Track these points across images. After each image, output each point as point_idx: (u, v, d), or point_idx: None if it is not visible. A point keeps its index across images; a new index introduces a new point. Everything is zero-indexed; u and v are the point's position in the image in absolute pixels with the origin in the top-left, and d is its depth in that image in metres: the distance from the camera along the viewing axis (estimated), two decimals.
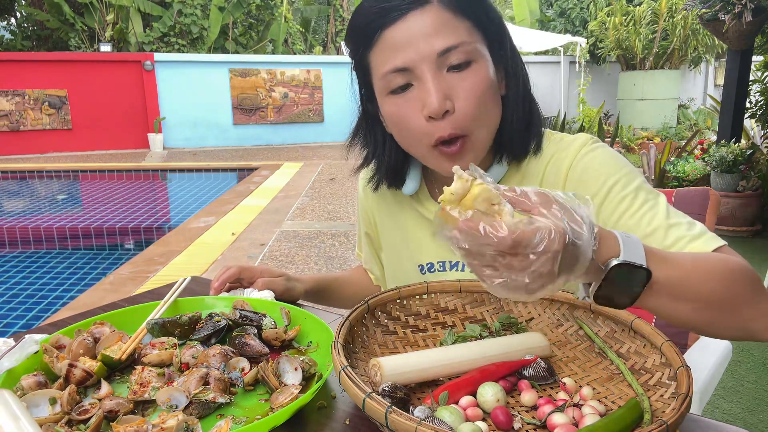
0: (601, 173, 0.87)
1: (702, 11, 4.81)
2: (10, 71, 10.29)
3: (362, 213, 1.20)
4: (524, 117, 0.91)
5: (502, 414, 0.65)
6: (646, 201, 0.83)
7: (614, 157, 0.90)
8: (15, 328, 3.29)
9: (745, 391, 2.52)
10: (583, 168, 0.89)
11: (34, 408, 0.71)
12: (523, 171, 0.94)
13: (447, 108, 0.81)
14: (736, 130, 5.18)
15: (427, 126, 0.83)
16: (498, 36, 0.88)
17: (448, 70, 0.81)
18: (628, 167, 0.88)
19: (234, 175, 8.64)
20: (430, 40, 0.80)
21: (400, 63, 0.81)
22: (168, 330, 0.93)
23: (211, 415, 0.74)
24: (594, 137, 0.93)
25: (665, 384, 0.70)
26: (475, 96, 0.82)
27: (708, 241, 0.78)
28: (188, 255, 4.13)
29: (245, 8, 13.26)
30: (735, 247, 0.78)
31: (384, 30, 0.81)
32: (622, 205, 0.84)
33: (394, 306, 0.88)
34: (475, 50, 0.82)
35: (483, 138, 0.87)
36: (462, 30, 0.81)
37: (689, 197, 1.35)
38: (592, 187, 0.87)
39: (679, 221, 0.81)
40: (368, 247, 1.22)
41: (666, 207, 0.83)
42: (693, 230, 0.79)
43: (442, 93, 0.80)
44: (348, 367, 0.64)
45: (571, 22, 14.58)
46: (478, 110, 0.83)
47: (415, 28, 0.80)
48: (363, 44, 0.86)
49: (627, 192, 0.84)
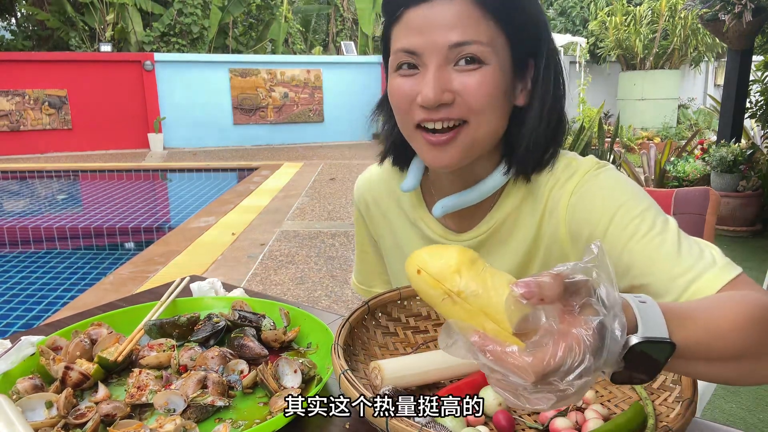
0: (604, 199, 0.82)
1: (702, 11, 4.81)
2: (10, 71, 10.29)
3: (357, 217, 1.18)
4: (543, 135, 0.87)
5: (504, 418, 0.65)
6: (654, 225, 0.77)
7: (619, 181, 0.85)
8: (15, 328, 3.28)
9: (745, 391, 2.51)
10: (584, 195, 0.85)
11: (30, 412, 0.71)
12: (529, 187, 0.90)
13: (444, 100, 0.79)
14: (736, 130, 5.18)
15: (416, 110, 0.82)
16: (530, 49, 0.84)
17: (455, 64, 0.80)
18: (633, 190, 0.83)
19: (234, 175, 8.63)
20: (447, 31, 0.78)
21: (411, 45, 0.81)
22: (166, 331, 0.92)
23: (209, 419, 0.73)
24: (601, 162, 0.89)
25: (669, 387, 0.69)
26: (477, 92, 0.80)
27: (723, 271, 0.71)
28: (188, 255, 4.12)
29: (245, 8, 13.26)
30: (735, 248, 0.74)
31: (408, 9, 0.81)
32: (627, 230, 0.78)
33: (394, 307, 0.87)
34: (489, 53, 0.79)
35: (478, 134, 0.83)
36: (483, 29, 0.79)
37: (689, 197, 1.35)
38: (593, 214, 0.83)
39: (690, 247, 0.75)
40: (373, 255, 1.19)
41: (677, 232, 0.77)
42: (705, 258, 0.73)
43: (439, 86, 0.79)
44: (348, 371, 0.64)
45: (572, 21, 14.58)
46: (479, 105, 0.81)
47: (436, 15, 0.79)
48: (388, 17, 0.86)
49: (632, 216, 0.79)
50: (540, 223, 0.88)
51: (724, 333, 0.59)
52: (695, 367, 0.58)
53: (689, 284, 0.71)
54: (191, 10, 12.52)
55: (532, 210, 0.89)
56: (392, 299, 0.87)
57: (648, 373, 0.53)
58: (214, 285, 1.12)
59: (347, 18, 17.25)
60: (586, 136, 4.82)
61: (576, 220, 0.84)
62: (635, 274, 0.75)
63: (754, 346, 0.60)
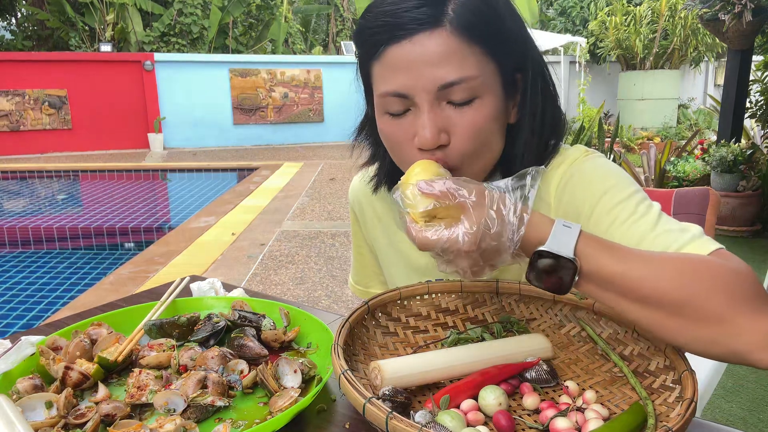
0: (592, 183, 0.83)
1: (702, 11, 4.80)
2: (10, 71, 10.29)
3: (353, 218, 1.18)
4: (537, 147, 0.86)
5: (504, 418, 0.65)
6: (635, 211, 0.78)
7: (606, 167, 0.85)
8: (15, 328, 3.28)
9: (745, 391, 2.51)
10: (573, 179, 0.85)
11: (30, 412, 0.70)
12: None
13: (441, 142, 0.77)
14: (736, 130, 5.17)
15: (415, 153, 0.80)
16: (518, 65, 0.83)
17: (448, 102, 0.77)
18: (619, 177, 0.84)
19: (234, 175, 8.63)
20: (434, 70, 0.75)
21: (398, 88, 0.77)
22: (166, 331, 0.92)
23: (209, 419, 0.73)
24: (589, 149, 0.90)
25: (669, 387, 0.69)
26: (473, 133, 0.78)
27: (700, 247, 0.72)
28: (188, 255, 4.12)
29: (245, 8, 13.25)
30: (735, 248, 0.75)
31: (389, 46, 0.76)
32: (611, 214, 0.80)
33: (394, 307, 0.87)
34: (481, 85, 0.77)
35: (476, 171, 0.83)
36: (471, 61, 0.76)
37: (689, 197, 1.35)
38: (582, 198, 0.83)
39: (669, 228, 0.75)
40: (369, 256, 1.19)
41: (658, 215, 0.78)
42: (684, 236, 0.73)
43: (436, 127, 0.77)
44: (348, 371, 0.64)
45: (572, 21, 14.57)
46: (474, 147, 0.79)
47: (419, 53, 0.75)
48: (367, 52, 0.81)
49: (615, 202, 0.80)
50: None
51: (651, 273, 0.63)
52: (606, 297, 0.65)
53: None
54: (191, 10, 12.52)
55: None
56: (392, 299, 0.87)
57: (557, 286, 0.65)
58: (214, 285, 1.12)
59: (347, 18, 17.25)
60: (586, 136, 4.82)
61: (563, 205, 0.86)
62: None
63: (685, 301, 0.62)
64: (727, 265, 0.64)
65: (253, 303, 1.03)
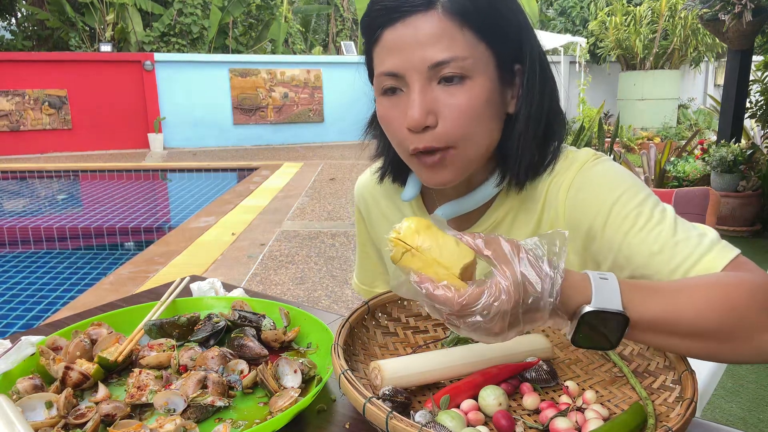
0: (602, 191, 0.82)
1: (702, 11, 4.80)
2: (10, 71, 10.28)
3: (358, 217, 1.18)
4: (539, 139, 0.86)
5: (504, 418, 0.65)
6: (652, 216, 0.78)
7: (616, 172, 0.84)
8: (15, 328, 3.28)
9: (745, 391, 2.51)
10: (582, 187, 0.84)
11: (30, 412, 0.70)
12: (523, 195, 0.90)
13: (428, 123, 0.78)
14: (736, 130, 5.17)
15: (407, 135, 0.81)
16: (514, 53, 0.83)
17: (439, 82, 0.78)
18: (630, 181, 0.83)
19: (234, 175, 8.63)
20: (424, 50, 0.76)
21: (391, 67, 0.79)
22: (166, 331, 0.92)
23: (209, 419, 0.73)
24: (598, 153, 0.89)
25: (669, 387, 0.69)
26: (461, 114, 0.78)
27: (720, 254, 0.72)
28: (188, 255, 4.12)
29: (245, 8, 13.25)
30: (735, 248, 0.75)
31: (385, 29, 0.79)
32: (626, 223, 0.79)
33: (394, 307, 0.87)
34: (472, 66, 0.77)
35: (468, 155, 0.82)
36: (462, 43, 0.77)
37: (689, 197, 1.35)
38: (592, 206, 0.82)
39: (687, 235, 0.75)
40: (374, 255, 1.19)
41: (674, 220, 0.77)
42: (703, 244, 0.74)
43: (424, 108, 0.77)
44: (348, 371, 0.64)
45: (572, 21, 14.57)
46: (461, 129, 0.79)
47: (412, 34, 0.77)
48: (368, 39, 0.84)
49: (630, 208, 0.79)
50: (540, 218, 0.88)
51: (691, 309, 0.63)
52: (657, 340, 0.64)
53: (688, 271, 0.72)
54: (191, 10, 12.51)
55: (531, 207, 0.89)
56: (392, 299, 0.87)
57: (607, 340, 0.62)
58: (214, 285, 1.12)
59: (347, 18, 17.25)
60: (586, 136, 4.82)
61: (575, 212, 0.84)
62: (635, 266, 0.76)
63: (723, 329, 0.63)
64: (760, 278, 0.67)
65: (253, 303, 1.03)
